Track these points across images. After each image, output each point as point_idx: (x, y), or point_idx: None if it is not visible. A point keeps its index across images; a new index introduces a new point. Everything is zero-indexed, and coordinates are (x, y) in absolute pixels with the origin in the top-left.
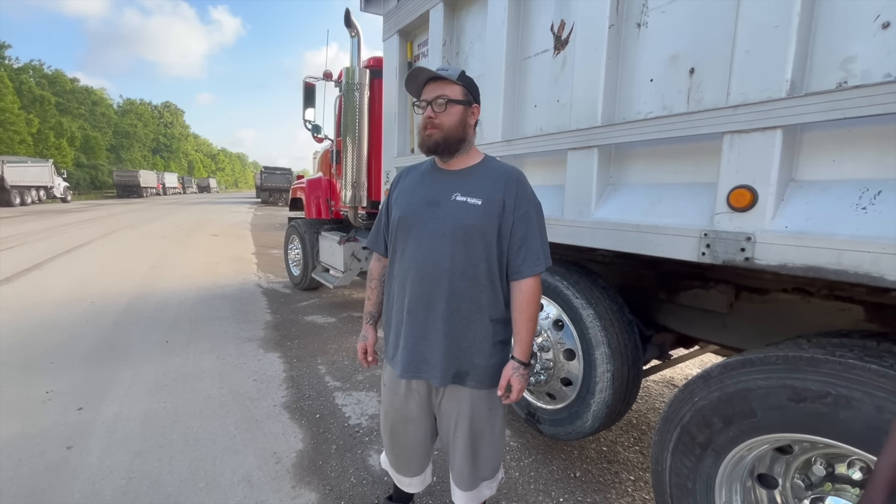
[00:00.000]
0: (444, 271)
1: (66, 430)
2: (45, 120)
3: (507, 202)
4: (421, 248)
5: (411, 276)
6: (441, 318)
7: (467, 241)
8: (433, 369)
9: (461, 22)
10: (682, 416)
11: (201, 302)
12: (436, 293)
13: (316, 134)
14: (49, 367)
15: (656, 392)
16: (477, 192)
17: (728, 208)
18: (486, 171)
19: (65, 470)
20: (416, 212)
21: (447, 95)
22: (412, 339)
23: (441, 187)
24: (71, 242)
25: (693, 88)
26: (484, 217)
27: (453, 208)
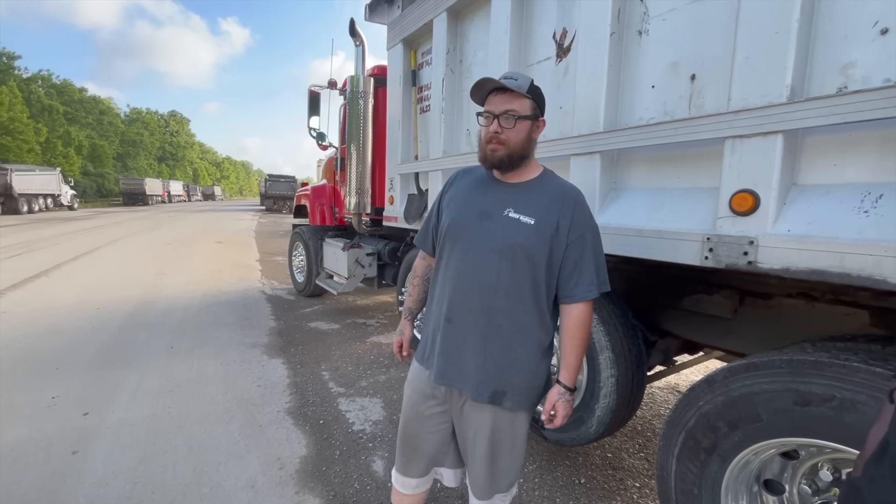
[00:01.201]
0: (487, 287)
1: (72, 435)
2: (53, 129)
3: (562, 224)
4: (467, 260)
5: (454, 286)
6: (480, 332)
7: (515, 259)
8: (466, 381)
9: (464, 31)
10: (687, 421)
11: (206, 308)
12: (477, 307)
13: (320, 141)
14: (55, 372)
15: (661, 398)
16: (531, 211)
17: (730, 212)
18: (543, 187)
19: (70, 474)
20: (467, 222)
21: (517, 111)
22: (448, 347)
23: (495, 200)
24: (77, 250)
25: (694, 94)
26: (536, 237)
27: (505, 224)
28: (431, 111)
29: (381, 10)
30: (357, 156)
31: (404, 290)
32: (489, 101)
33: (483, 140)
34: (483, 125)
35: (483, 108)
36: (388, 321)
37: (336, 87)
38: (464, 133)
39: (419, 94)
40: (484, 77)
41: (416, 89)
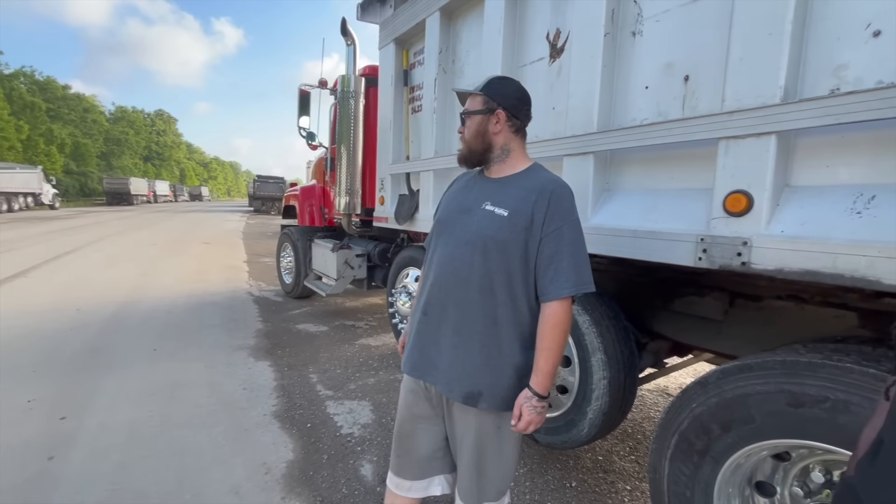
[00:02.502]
0: (461, 280)
1: (48, 440)
2: (35, 126)
3: (536, 216)
4: (445, 253)
5: (434, 280)
6: (452, 326)
7: (486, 251)
8: (440, 375)
9: (457, 30)
10: (679, 423)
11: (191, 310)
12: (450, 301)
13: (310, 141)
14: (32, 375)
15: (650, 401)
16: (506, 203)
17: (724, 213)
18: (524, 181)
19: (46, 481)
20: (450, 217)
21: (467, 109)
22: (423, 341)
23: (477, 195)
24: (58, 249)
25: (688, 95)
26: (508, 229)
27: (480, 217)
28: (423, 111)
29: (374, 9)
30: (347, 156)
31: (394, 291)
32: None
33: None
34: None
35: None
36: (378, 323)
37: (327, 87)
38: (456, 133)
39: (411, 94)
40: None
41: (408, 89)
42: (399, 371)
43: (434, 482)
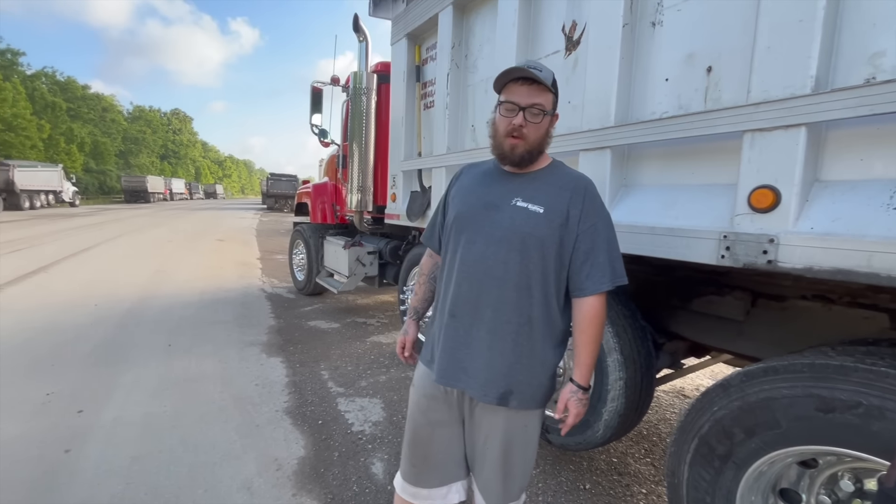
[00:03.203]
0: (495, 279)
1: (65, 434)
2: (56, 125)
3: (572, 213)
4: (473, 251)
5: (460, 280)
6: (486, 327)
7: (524, 249)
8: (472, 380)
9: (470, 24)
10: (700, 427)
11: (205, 306)
12: (484, 301)
13: (322, 139)
14: (50, 369)
15: (667, 402)
16: (540, 199)
17: (749, 209)
18: (552, 177)
19: (62, 474)
20: (472, 213)
21: (543, 106)
22: (452, 345)
23: (502, 190)
24: (77, 246)
25: (710, 87)
26: (545, 226)
27: (512, 214)
28: (436, 107)
29: (386, 5)
30: (359, 153)
31: (406, 289)
32: (512, 91)
33: (501, 132)
34: (503, 115)
35: (503, 97)
36: (389, 321)
37: (339, 84)
38: (468, 129)
39: (423, 90)
40: (516, 66)
41: (420, 85)
42: (411, 369)
43: (453, 489)
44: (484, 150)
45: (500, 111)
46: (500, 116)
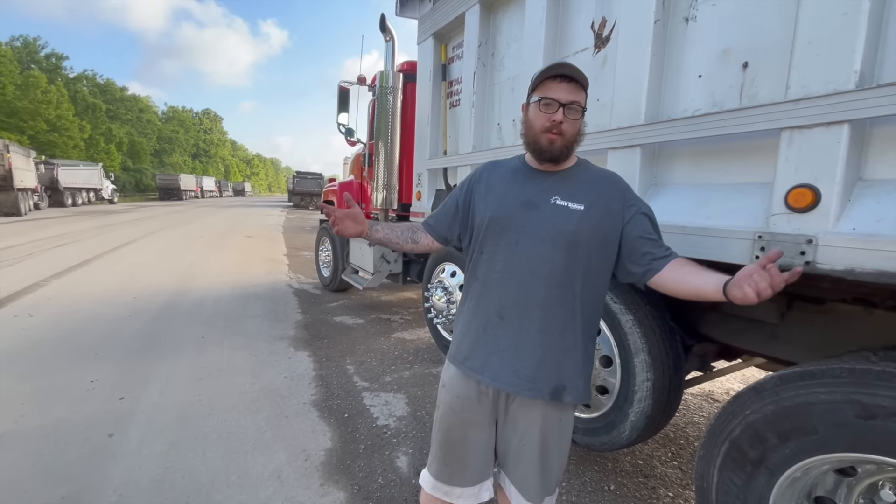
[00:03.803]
0: (542, 278)
1: (108, 419)
2: (96, 126)
3: (613, 207)
4: (517, 252)
5: (505, 282)
6: (536, 326)
7: (568, 247)
8: (523, 381)
9: (497, 23)
10: (731, 430)
11: (235, 300)
12: (532, 301)
13: (349, 137)
14: (94, 357)
15: (695, 406)
16: (578, 197)
17: (786, 209)
18: (584, 174)
19: (106, 457)
20: (510, 214)
21: (580, 103)
22: (503, 347)
23: (537, 189)
24: (117, 241)
25: (746, 83)
26: (587, 222)
27: (553, 212)
28: (461, 106)
29: (413, 4)
30: (385, 151)
31: (430, 286)
32: (550, 88)
33: (538, 128)
34: (542, 111)
35: (542, 94)
36: (412, 317)
37: (365, 84)
38: (494, 127)
39: (449, 89)
40: (560, 62)
41: (446, 84)
42: (434, 366)
43: (483, 487)
44: (510, 148)
45: (539, 107)
46: (539, 112)
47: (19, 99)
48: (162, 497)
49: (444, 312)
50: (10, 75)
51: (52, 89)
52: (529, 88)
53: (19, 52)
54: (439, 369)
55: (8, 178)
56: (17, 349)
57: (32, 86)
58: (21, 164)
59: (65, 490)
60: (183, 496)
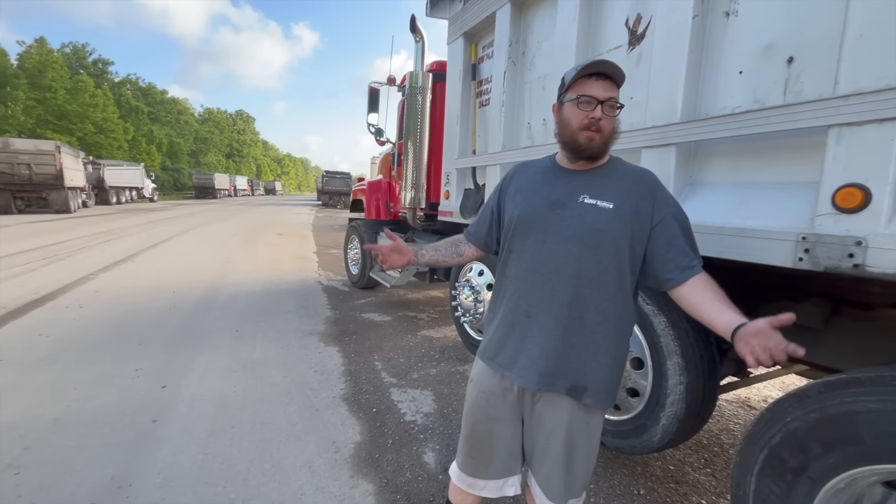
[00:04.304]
0: (568, 277)
1: (152, 405)
2: (138, 128)
3: (643, 207)
4: (544, 251)
5: (533, 280)
6: (562, 325)
7: (596, 246)
8: (545, 378)
9: (528, 21)
10: (770, 437)
11: (267, 295)
12: (558, 299)
13: (378, 137)
14: (138, 347)
15: (729, 412)
16: (608, 195)
17: (833, 209)
18: (616, 172)
19: (151, 441)
20: (538, 212)
21: (617, 100)
22: (529, 345)
23: (566, 188)
24: (157, 237)
25: (791, 79)
26: (616, 222)
27: (581, 211)
28: (491, 105)
29: (443, 4)
30: (414, 151)
31: (457, 285)
32: (587, 86)
33: (576, 126)
34: (581, 108)
35: (579, 92)
36: (439, 316)
37: (395, 84)
38: (524, 127)
39: (479, 88)
40: (600, 59)
41: (476, 83)
42: (461, 364)
43: (508, 482)
44: (540, 147)
45: (578, 105)
46: (577, 110)
47: (69, 102)
48: (202, 481)
49: (472, 311)
50: (61, 80)
51: (99, 93)
52: (562, 87)
53: (69, 58)
54: (466, 367)
55: (59, 177)
56: (69, 337)
57: (81, 90)
58: (71, 164)
59: (113, 471)
60: (221, 482)
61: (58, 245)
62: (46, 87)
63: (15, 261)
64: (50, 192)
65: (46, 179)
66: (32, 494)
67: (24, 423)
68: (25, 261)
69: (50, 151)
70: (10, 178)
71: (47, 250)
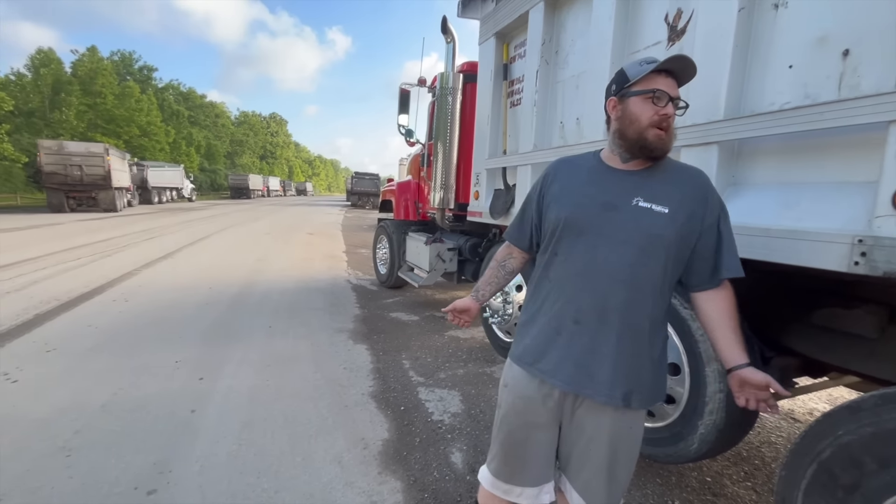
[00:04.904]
0: (622, 282)
1: (191, 396)
2: (179, 131)
3: (697, 210)
4: (597, 255)
5: (582, 285)
6: (615, 331)
7: (651, 251)
8: (599, 385)
9: (562, 20)
10: (819, 451)
11: (299, 293)
12: (611, 305)
13: (409, 138)
14: (178, 340)
15: (772, 424)
16: (662, 199)
17: (893, 210)
18: (668, 173)
19: (189, 430)
20: (589, 214)
21: (681, 98)
22: (578, 352)
23: (617, 189)
24: (195, 235)
25: (847, 73)
26: (671, 227)
27: (636, 215)
28: (523, 105)
29: (475, 5)
30: (443, 152)
31: None
32: (656, 81)
33: (646, 122)
34: (653, 104)
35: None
36: None
37: (425, 85)
38: (556, 126)
39: (510, 88)
40: (678, 54)
41: (507, 83)
42: (488, 365)
43: (544, 490)
44: (573, 146)
45: (652, 100)
46: (648, 105)
47: (117, 107)
48: (236, 471)
49: (500, 312)
50: (110, 87)
51: (144, 98)
52: (621, 81)
53: (117, 65)
54: (493, 369)
55: (107, 178)
56: (115, 329)
57: (128, 95)
58: (118, 165)
59: (155, 457)
60: (255, 472)
61: (105, 242)
62: (97, 92)
63: (68, 256)
64: (99, 191)
65: (96, 180)
66: (82, 476)
67: (74, 408)
68: (77, 256)
69: (99, 153)
70: (64, 179)
71: (96, 247)
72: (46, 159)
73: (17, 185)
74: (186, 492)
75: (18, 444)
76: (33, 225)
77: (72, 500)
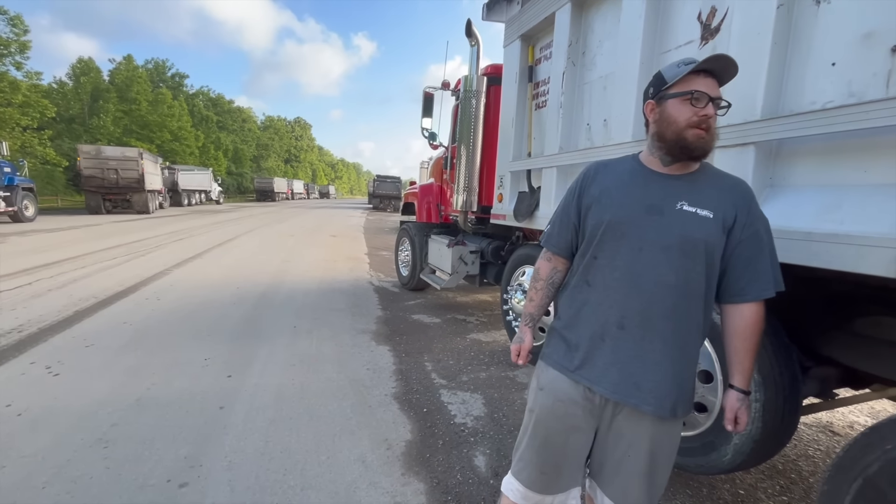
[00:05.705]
0: (667, 287)
1: (220, 393)
2: (208, 135)
3: (739, 218)
4: (641, 259)
5: (626, 290)
6: (660, 337)
7: (696, 256)
8: (646, 394)
9: (589, 21)
10: (866, 466)
11: (322, 294)
12: (657, 311)
13: (432, 141)
14: (207, 338)
15: (809, 437)
16: (707, 204)
17: None
18: (710, 179)
19: (218, 426)
20: (632, 218)
21: (722, 98)
22: (623, 358)
23: (661, 193)
24: (223, 237)
25: (895, 70)
26: (716, 232)
27: (682, 219)
28: (548, 107)
29: (500, 7)
30: (467, 154)
31: (509, 288)
32: (695, 82)
33: (684, 123)
34: (693, 105)
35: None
36: (488, 319)
37: (449, 88)
38: (583, 128)
39: (535, 90)
40: (719, 54)
41: (532, 85)
42: (510, 369)
43: (571, 494)
44: (600, 149)
45: (690, 101)
46: (686, 106)
47: (150, 113)
48: (264, 467)
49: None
50: (145, 94)
51: (176, 104)
52: (658, 83)
53: (151, 73)
54: (515, 373)
55: (141, 181)
56: (148, 326)
57: (161, 102)
58: (151, 169)
59: (186, 451)
60: (281, 469)
61: (139, 242)
62: (132, 99)
63: (104, 255)
64: (133, 194)
65: (130, 183)
66: (118, 466)
67: (111, 401)
68: (112, 256)
69: (134, 158)
70: (101, 182)
71: (130, 247)
72: (85, 163)
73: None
74: (216, 486)
75: (60, 436)
76: (73, 226)
77: (109, 489)
